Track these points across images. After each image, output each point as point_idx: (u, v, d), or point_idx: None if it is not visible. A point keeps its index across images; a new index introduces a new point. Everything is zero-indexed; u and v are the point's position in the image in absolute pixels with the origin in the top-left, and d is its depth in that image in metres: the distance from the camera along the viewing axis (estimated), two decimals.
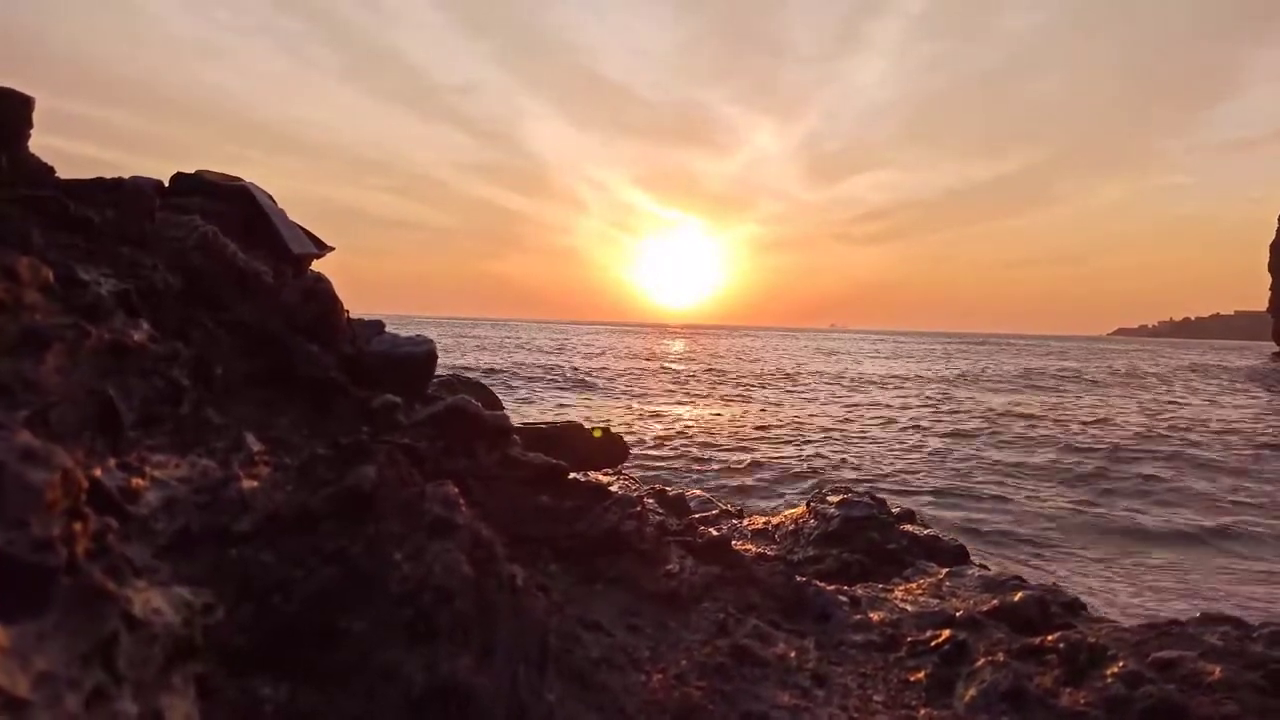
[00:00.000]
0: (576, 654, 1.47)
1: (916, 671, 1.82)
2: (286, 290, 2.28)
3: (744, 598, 2.11)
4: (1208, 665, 1.79)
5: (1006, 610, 2.57)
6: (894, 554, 4.07)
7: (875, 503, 4.63)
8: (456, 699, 1.01)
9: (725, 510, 5.46)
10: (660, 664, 1.58)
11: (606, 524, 2.13)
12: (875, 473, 10.78)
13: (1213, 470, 11.77)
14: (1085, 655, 1.80)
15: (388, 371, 2.38)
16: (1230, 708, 1.63)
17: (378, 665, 1.02)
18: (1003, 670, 1.73)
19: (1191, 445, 13.73)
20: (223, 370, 1.88)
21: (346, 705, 0.97)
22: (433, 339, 2.47)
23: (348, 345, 2.36)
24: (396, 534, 1.22)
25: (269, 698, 0.96)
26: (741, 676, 1.62)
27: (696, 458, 11.77)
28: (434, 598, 1.12)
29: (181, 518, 1.07)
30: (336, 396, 2.11)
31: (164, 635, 0.78)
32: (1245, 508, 9.47)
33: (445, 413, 2.21)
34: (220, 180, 2.67)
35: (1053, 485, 10.65)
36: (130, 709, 0.69)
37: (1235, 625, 2.47)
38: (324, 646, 1.03)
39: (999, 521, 8.73)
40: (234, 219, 2.54)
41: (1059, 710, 1.63)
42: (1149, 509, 9.60)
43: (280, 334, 2.12)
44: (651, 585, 2.00)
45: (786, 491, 9.67)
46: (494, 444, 2.25)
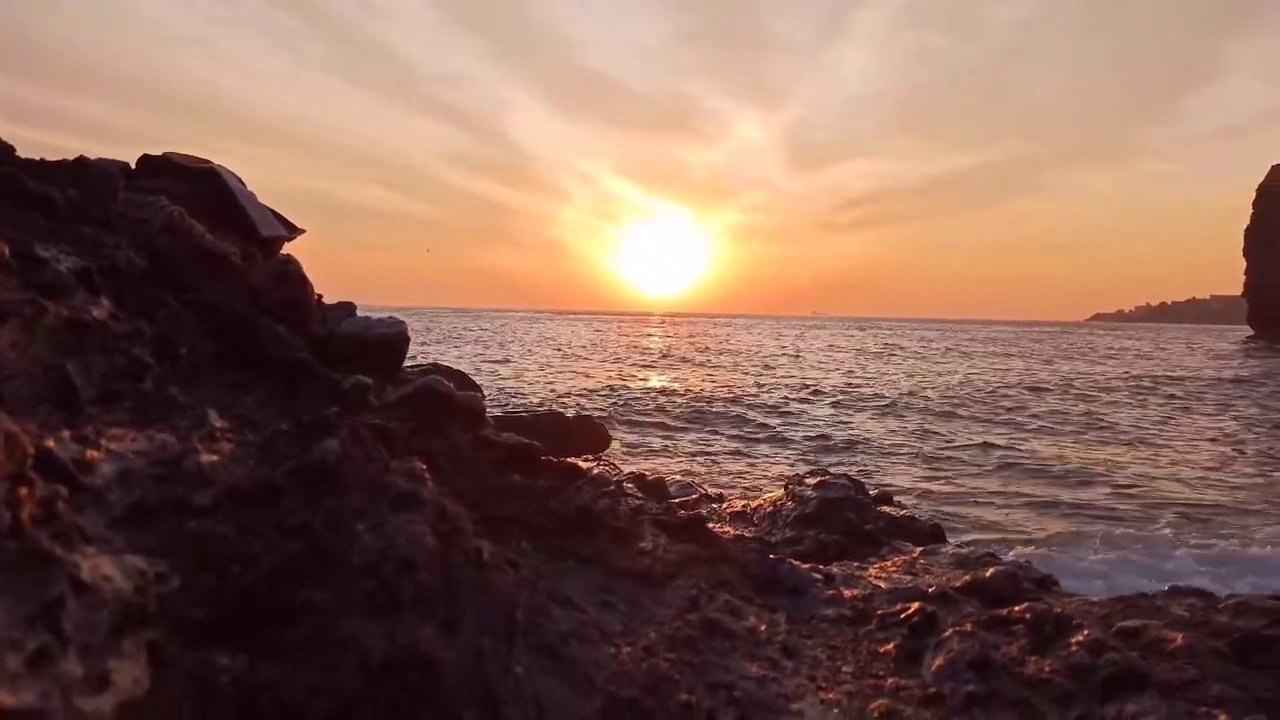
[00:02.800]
0: (546, 628, 1.47)
1: (886, 643, 1.83)
2: (255, 272, 2.27)
3: (717, 575, 2.12)
4: (1170, 634, 1.82)
5: (978, 585, 2.59)
6: (870, 534, 4.09)
7: (852, 484, 4.66)
8: (417, 669, 1.01)
9: (705, 495, 5.49)
10: (631, 638, 1.58)
11: (579, 503, 2.13)
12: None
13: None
14: (1051, 625, 1.82)
15: (359, 353, 2.36)
16: (1191, 673, 1.65)
17: (338, 636, 1.02)
18: (969, 640, 1.75)
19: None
20: (188, 350, 1.86)
21: (305, 675, 0.97)
22: (404, 321, 2.46)
23: (318, 327, 2.35)
24: (359, 507, 1.22)
25: (226, 668, 0.95)
26: (711, 649, 1.63)
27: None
28: (396, 569, 1.12)
29: (138, 490, 1.06)
30: (306, 377, 2.10)
31: (114, 601, 0.78)
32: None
33: (416, 393, 2.20)
34: (188, 162, 2.65)
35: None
36: (75, 670, 0.69)
37: (1202, 597, 2.51)
38: (284, 618, 1.03)
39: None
40: (202, 201, 2.52)
41: (1024, 678, 1.65)
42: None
43: (248, 315, 2.11)
44: (625, 563, 2.00)
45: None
46: (466, 424, 2.25)
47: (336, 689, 0.95)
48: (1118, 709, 1.53)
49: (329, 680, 0.96)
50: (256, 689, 0.95)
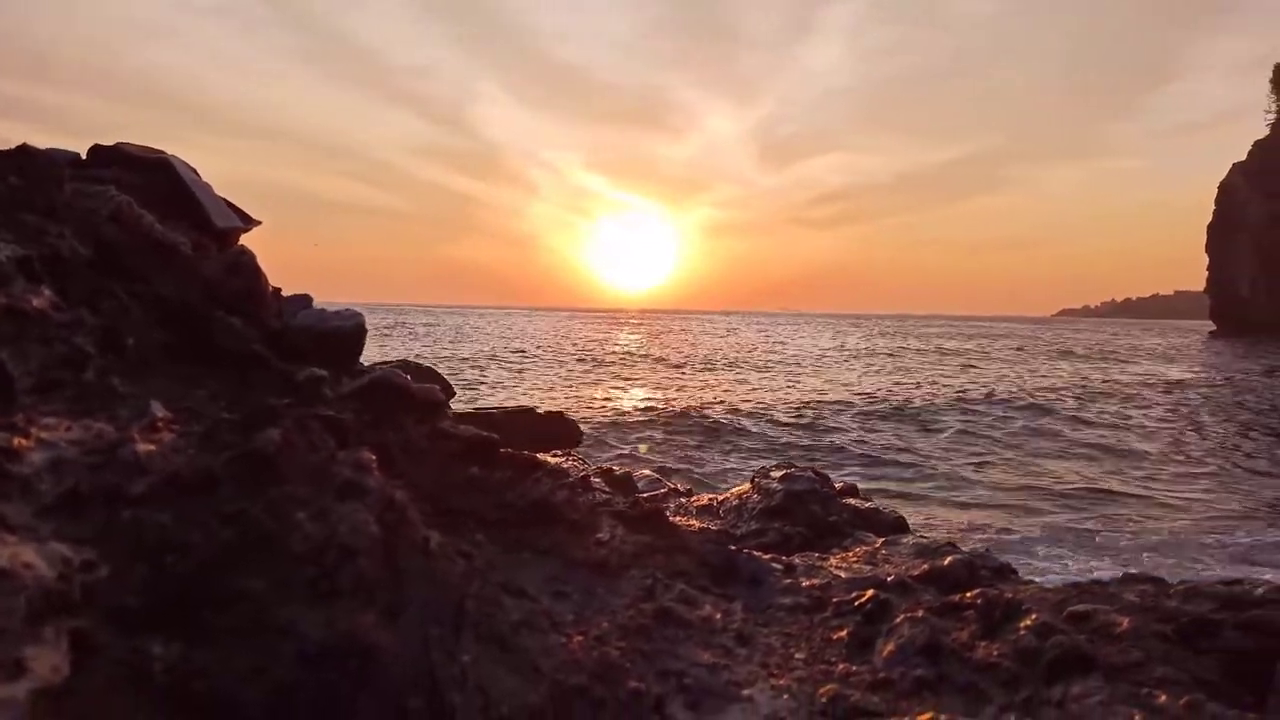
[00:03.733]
0: (497, 618, 1.47)
1: (839, 630, 1.85)
2: (208, 263, 2.23)
3: (674, 565, 2.13)
4: (1118, 618, 1.85)
5: (936, 574, 2.62)
6: (835, 526, 4.12)
7: (818, 477, 4.69)
8: (356, 656, 1.01)
9: (674, 489, 5.49)
10: (583, 627, 1.58)
11: (536, 495, 2.13)
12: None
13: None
14: (1001, 610, 1.84)
15: (315, 346, 2.34)
16: (1136, 655, 1.68)
17: (275, 623, 1.01)
18: (920, 626, 1.77)
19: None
20: (135, 341, 1.83)
21: (240, 662, 0.96)
22: (361, 313, 2.44)
23: (273, 319, 2.32)
24: (302, 496, 1.21)
25: (159, 656, 0.94)
26: (663, 637, 1.63)
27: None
28: (337, 557, 1.11)
29: (70, 478, 1.04)
30: (259, 370, 2.07)
31: (33, 588, 0.77)
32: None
33: (372, 385, 2.19)
34: (140, 152, 2.60)
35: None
36: None
37: (1155, 584, 2.55)
38: (220, 606, 1.02)
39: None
40: (154, 191, 2.47)
41: (973, 662, 1.67)
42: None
43: (200, 307, 2.08)
44: (581, 554, 2.00)
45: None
46: (423, 417, 2.23)
47: (272, 675, 0.95)
48: (1063, 690, 1.55)
49: (264, 667, 0.95)
50: (190, 677, 0.94)
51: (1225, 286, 70.83)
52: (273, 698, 0.94)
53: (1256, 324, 62.84)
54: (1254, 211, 66.20)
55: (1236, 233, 68.21)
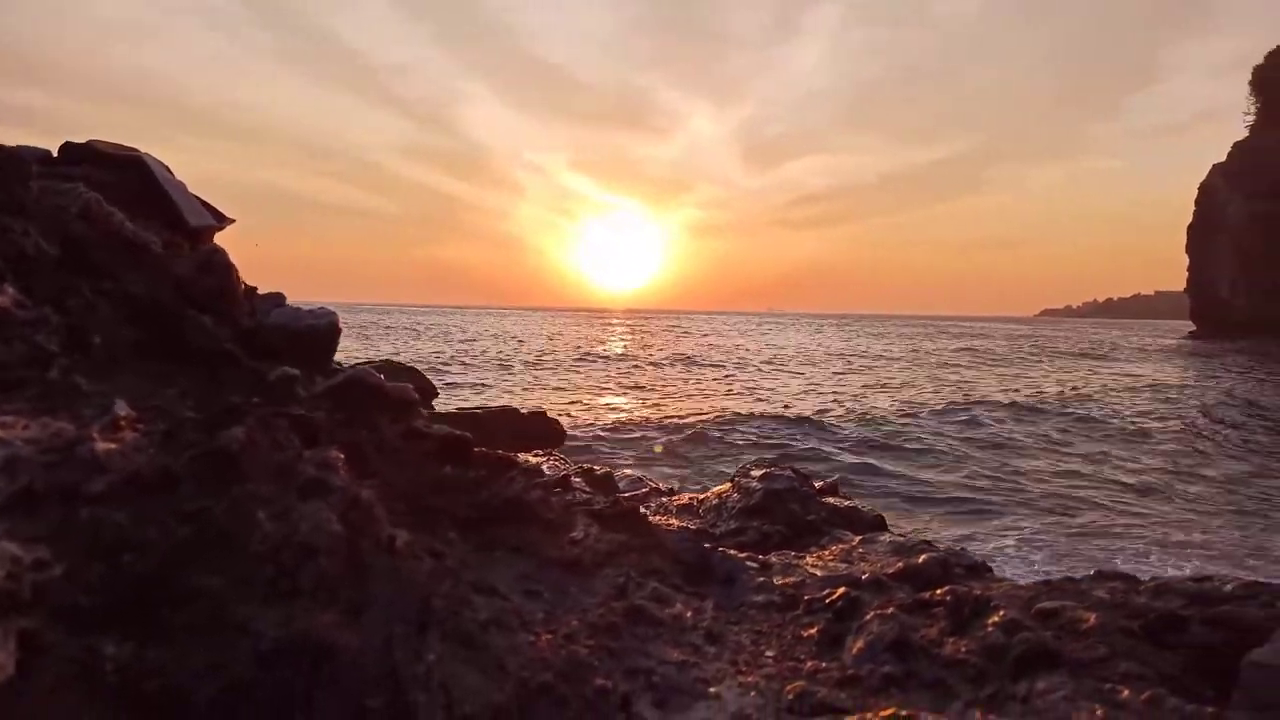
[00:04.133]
0: (465, 616, 1.47)
1: (810, 628, 1.86)
2: (179, 261, 2.22)
3: (648, 563, 2.13)
4: (1084, 614, 1.87)
5: (910, 571, 2.63)
6: (814, 525, 4.13)
7: (798, 476, 4.70)
8: (312, 654, 1.00)
9: (655, 488, 5.49)
10: (552, 625, 1.58)
11: (510, 493, 2.13)
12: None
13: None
14: (970, 607, 1.86)
15: (288, 345, 2.33)
16: (1101, 651, 1.70)
17: (232, 622, 1.01)
18: (889, 623, 1.78)
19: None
20: (103, 339, 1.82)
21: (194, 660, 0.95)
22: (335, 311, 2.43)
23: (245, 318, 2.30)
24: (264, 495, 1.20)
25: (111, 655, 0.94)
26: (633, 635, 1.63)
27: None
28: (296, 555, 1.10)
29: (24, 476, 1.03)
30: (230, 368, 2.06)
31: None
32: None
33: (345, 384, 2.18)
34: (112, 150, 2.58)
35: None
36: None
37: (1125, 581, 2.58)
38: (177, 604, 1.02)
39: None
40: (125, 189, 2.45)
41: (941, 659, 1.68)
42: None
43: (170, 305, 2.07)
44: (554, 552, 2.00)
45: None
46: (396, 416, 2.22)
47: (226, 673, 0.94)
48: (1028, 686, 1.57)
49: (219, 665, 0.94)
50: (142, 675, 0.93)
51: (1205, 287, 71.48)
52: (226, 695, 0.94)
53: (1236, 325, 63.47)
54: (1234, 212, 66.85)
55: (1216, 234, 68.85)
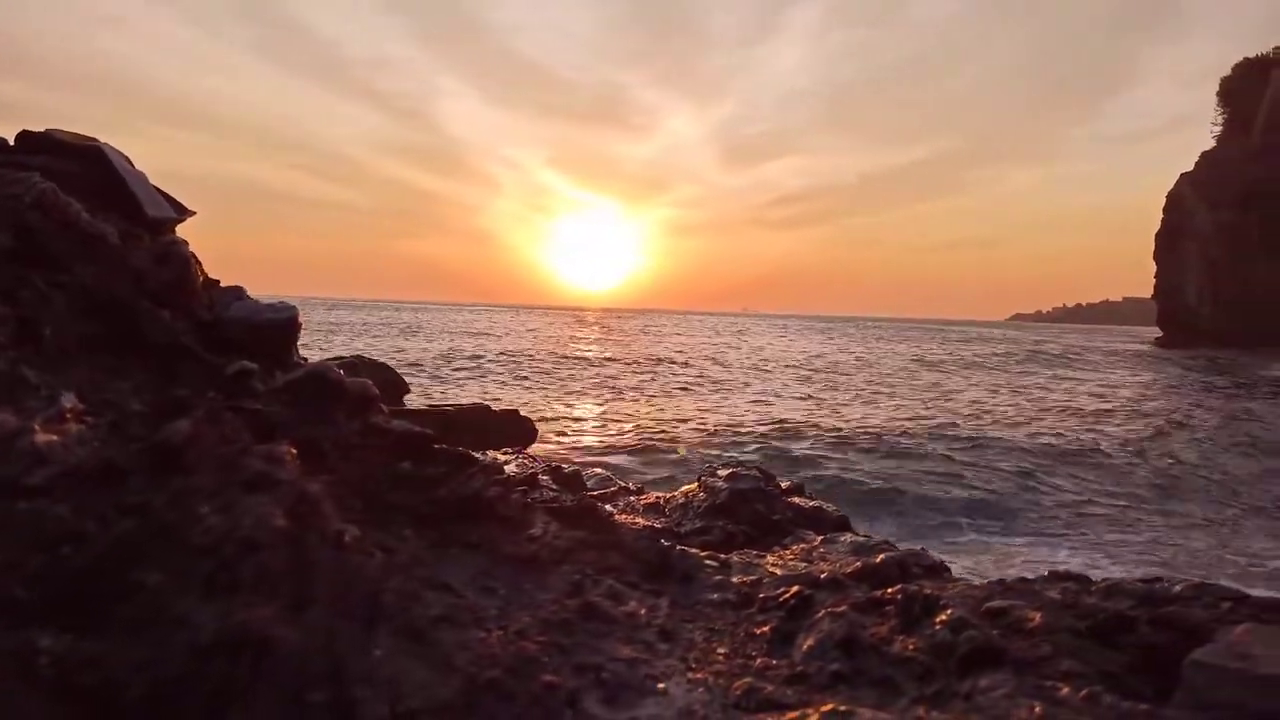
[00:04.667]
0: (415, 612, 1.47)
1: (763, 625, 1.88)
2: (136, 253, 2.20)
3: (606, 561, 2.14)
4: (1031, 613, 1.90)
5: (868, 571, 2.66)
6: (778, 524, 4.16)
7: (763, 476, 4.73)
8: (250, 647, 1.00)
9: (624, 487, 5.50)
10: (504, 622, 1.59)
11: (468, 490, 2.13)
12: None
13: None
14: (920, 606, 1.89)
15: (248, 339, 2.31)
16: (1045, 649, 1.73)
17: (171, 616, 1.01)
18: (840, 621, 1.80)
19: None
20: (55, 332, 1.81)
21: (130, 654, 0.95)
22: (295, 305, 2.42)
23: (204, 311, 2.29)
24: (208, 488, 1.20)
25: (46, 649, 0.93)
26: (586, 632, 1.64)
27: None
28: (238, 549, 1.10)
29: None
30: (186, 362, 2.05)
31: None
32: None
33: (304, 379, 2.17)
34: (71, 139, 2.55)
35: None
36: None
37: (1078, 581, 2.62)
38: (115, 598, 1.01)
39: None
40: (83, 179, 2.43)
41: (889, 656, 1.70)
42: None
43: (126, 297, 2.05)
44: (511, 549, 2.01)
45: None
46: (355, 412, 2.22)
47: (162, 666, 0.94)
48: (972, 683, 1.60)
49: (155, 658, 0.94)
50: (78, 669, 0.93)
51: (1172, 294, 72.61)
52: (163, 688, 0.94)
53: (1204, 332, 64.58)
54: (1200, 221, 67.99)
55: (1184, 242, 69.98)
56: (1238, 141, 70.19)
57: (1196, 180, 71.32)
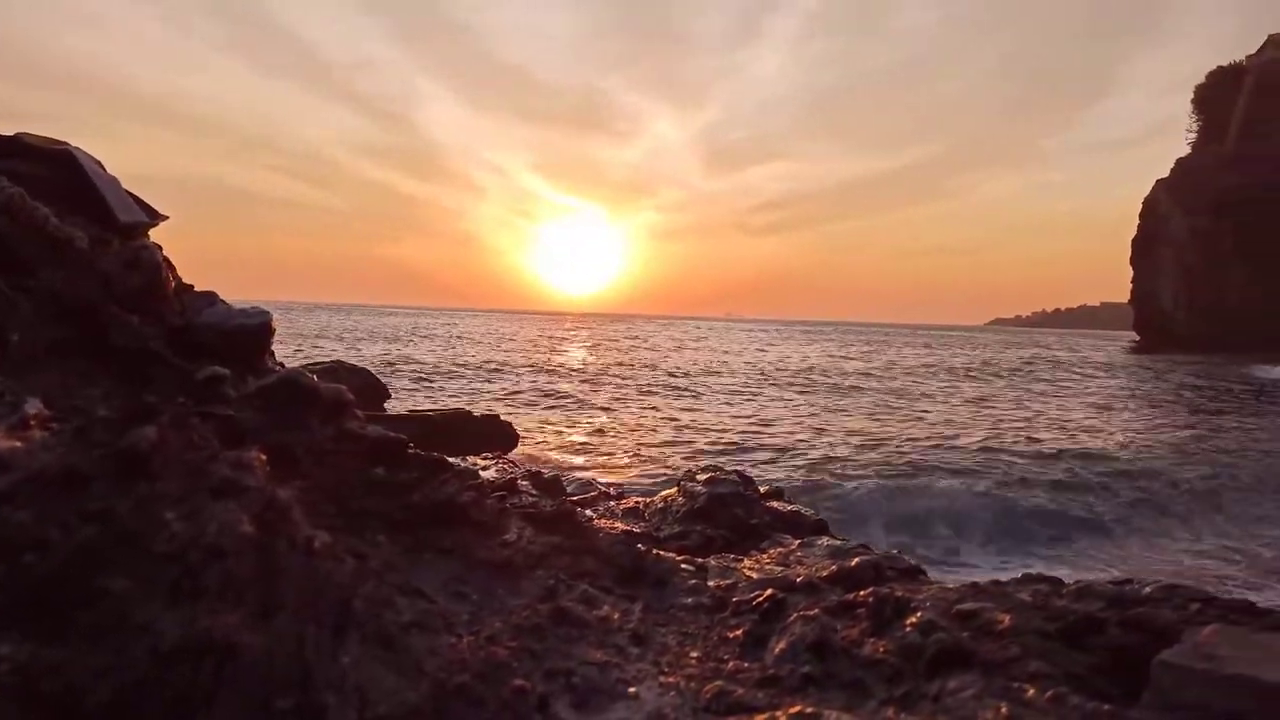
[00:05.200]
0: (386, 618, 1.47)
1: (736, 629, 1.89)
2: (105, 258, 2.18)
3: (580, 565, 2.14)
4: (1000, 615, 1.92)
5: (843, 575, 2.67)
6: (756, 529, 4.18)
7: (742, 480, 4.75)
8: (214, 654, 1.00)
9: (604, 492, 5.50)
10: (475, 627, 1.59)
11: (442, 495, 2.13)
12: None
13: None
14: (891, 608, 1.90)
15: (220, 344, 2.30)
16: (1013, 651, 1.75)
17: (133, 623, 1.00)
18: (811, 624, 1.81)
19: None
20: (22, 337, 1.79)
21: (91, 660, 0.95)
22: (268, 310, 2.41)
23: (175, 316, 2.28)
24: (174, 494, 1.19)
25: (8, 656, 0.93)
26: (557, 637, 1.65)
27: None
28: (203, 556, 1.10)
29: None
30: (155, 368, 2.04)
31: None
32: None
33: (277, 385, 2.16)
34: (41, 143, 2.53)
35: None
36: None
37: (1050, 584, 2.65)
38: (78, 605, 1.01)
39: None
40: (54, 184, 2.41)
41: (860, 659, 1.72)
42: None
43: (95, 302, 2.04)
44: (484, 554, 2.00)
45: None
46: (329, 417, 2.21)
47: (123, 672, 0.94)
48: (940, 685, 1.61)
49: (115, 665, 0.94)
50: (40, 675, 0.92)
51: (1148, 300, 73.42)
52: (125, 694, 0.93)
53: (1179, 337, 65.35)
54: (1175, 227, 68.82)
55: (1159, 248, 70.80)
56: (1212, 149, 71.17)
57: (1172, 187, 72.24)
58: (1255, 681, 1.60)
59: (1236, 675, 1.66)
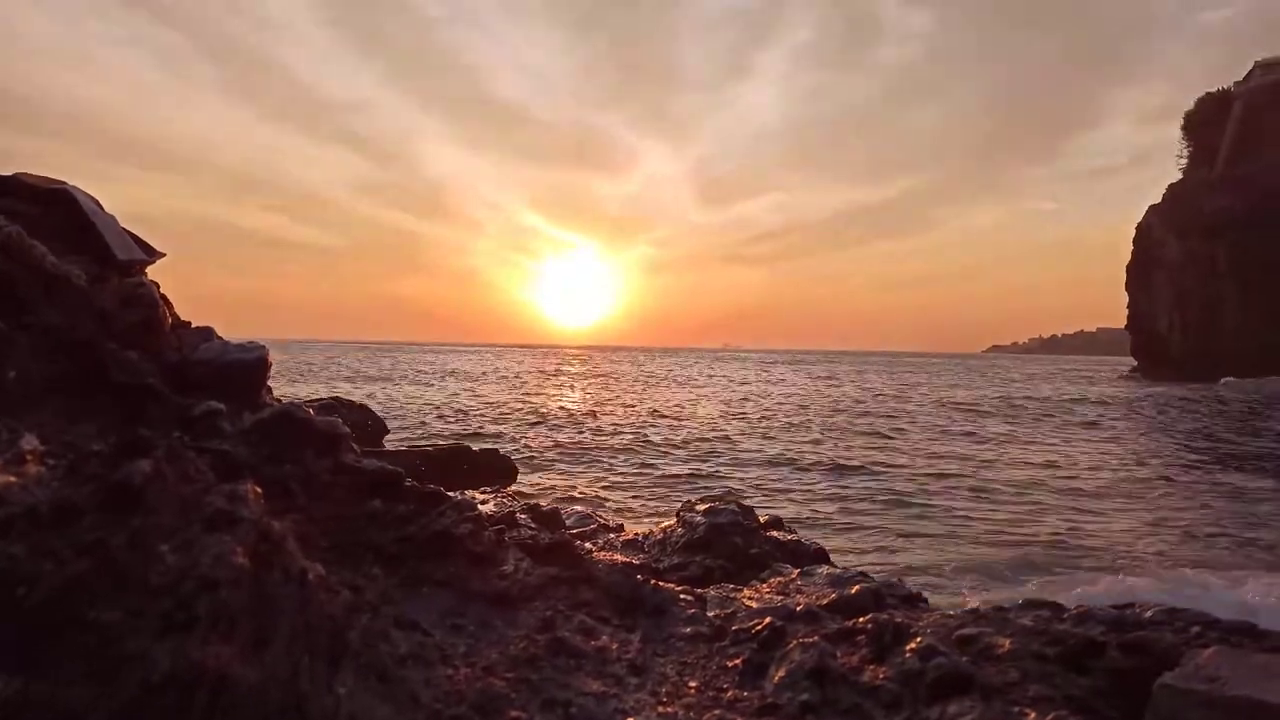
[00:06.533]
0: (381, 650, 1.46)
1: (735, 658, 1.88)
2: (102, 295, 2.20)
3: (577, 596, 2.13)
4: (1000, 640, 1.91)
5: (843, 602, 2.66)
6: (756, 558, 4.16)
7: (741, 510, 4.73)
8: (206, 685, 1.00)
9: (603, 524, 5.48)
10: (472, 659, 1.58)
11: (438, 527, 2.12)
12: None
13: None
14: (890, 634, 1.89)
15: (216, 379, 2.31)
16: (1013, 675, 1.74)
17: (124, 655, 1.00)
18: (810, 651, 1.80)
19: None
20: (19, 374, 1.80)
21: (81, 693, 0.94)
22: (265, 348, 2.42)
23: (171, 352, 2.29)
24: (168, 527, 1.20)
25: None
26: (554, 668, 1.64)
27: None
28: (195, 588, 1.10)
29: None
30: (151, 403, 2.04)
31: None
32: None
33: (272, 419, 2.17)
34: (39, 182, 2.56)
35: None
36: None
37: (1052, 609, 2.64)
38: (69, 637, 1.01)
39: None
40: (52, 223, 2.43)
41: (859, 685, 1.71)
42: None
43: (91, 339, 2.04)
44: (481, 586, 2.00)
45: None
46: (324, 451, 2.21)
47: (114, 705, 0.93)
48: (940, 710, 1.60)
49: (104, 696, 0.94)
50: (27, 708, 0.92)
51: (1145, 324, 73.58)
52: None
53: (1176, 361, 65.44)
54: (1169, 251, 69.17)
55: (1154, 272, 71.11)
56: (1203, 173, 71.77)
57: (1164, 212, 72.73)
58: (1257, 704, 1.59)
59: (1238, 697, 1.65)
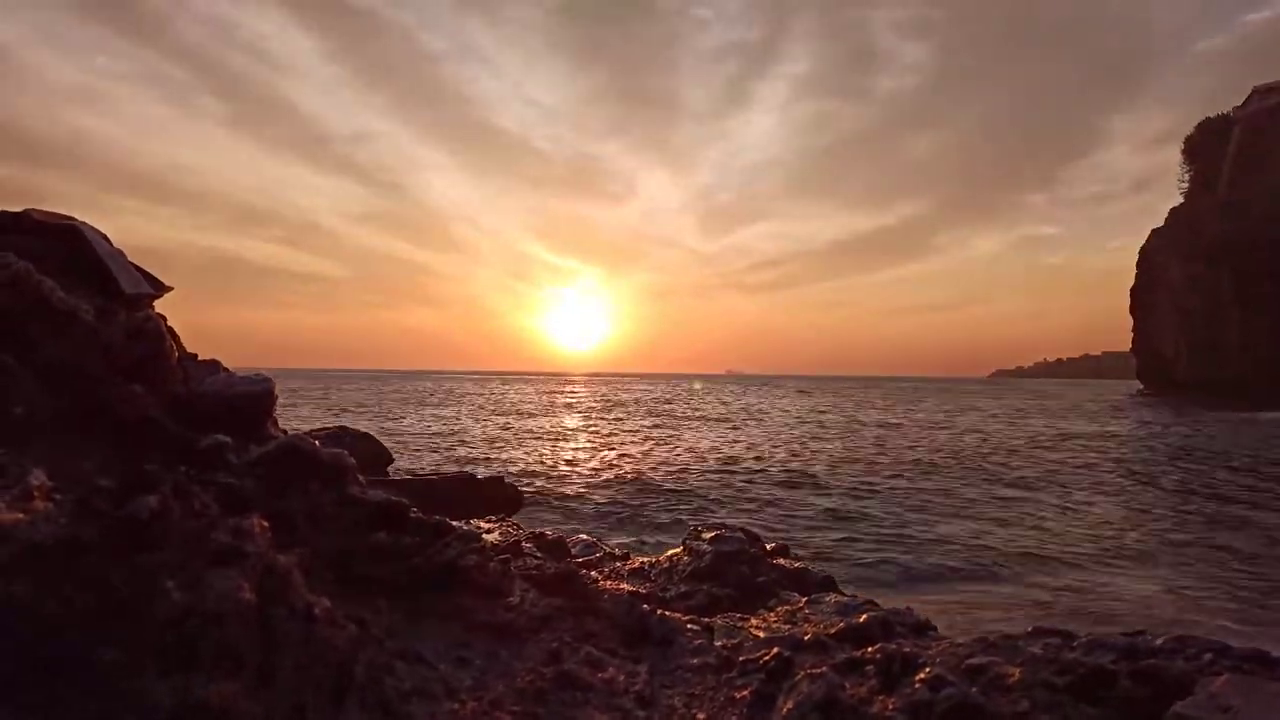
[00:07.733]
0: (386, 684, 1.45)
1: (743, 689, 1.86)
2: (109, 330, 2.21)
3: (584, 627, 2.12)
4: (1010, 669, 1.89)
5: (852, 631, 2.64)
6: (763, 586, 4.13)
7: (748, 538, 4.70)
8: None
9: (609, 553, 5.45)
10: (479, 692, 1.57)
11: (444, 559, 2.11)
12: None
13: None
14: (899, 664, 1.88)
15: (222, 412, 2.31)
16: (1023, 705, 1.72)
17: (126, 691, 1.00)
18: (819, 682, 1.78)
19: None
20: (26, 410, 1.81)
21: None
22: (271, 379, 2.42)
23: (177, 385, 2.29)
24: (174, 563, 1.19)
25: None
26: (561, 701, 1.62)
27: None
28: (200, 624, 1.10)
29: None
30: (157, 437, 2.05)
31: None
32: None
33: (278, 452, 2.17)
34: (47, 219, 2.58)
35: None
36: None
37: (1062, 637, 2.61)
38: (70, 674, 1.00)
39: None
40: (60, 258, 2.45)
41: (869, 716, 1.69)
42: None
43: (97, 373, 2.05)
44: (487, 617, 1.99)
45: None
46: (330, 482, 2.21)
47: None
48: None
49: None
50: None
51: (1150, 347, 73.45)
52: None
53: (1181, 383, 65.25)
54: (1173, 276, 69.18)
55: (1158, 295, 71.08)
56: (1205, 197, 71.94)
57: (1167, 236, 72.86)
58: None
59: None
